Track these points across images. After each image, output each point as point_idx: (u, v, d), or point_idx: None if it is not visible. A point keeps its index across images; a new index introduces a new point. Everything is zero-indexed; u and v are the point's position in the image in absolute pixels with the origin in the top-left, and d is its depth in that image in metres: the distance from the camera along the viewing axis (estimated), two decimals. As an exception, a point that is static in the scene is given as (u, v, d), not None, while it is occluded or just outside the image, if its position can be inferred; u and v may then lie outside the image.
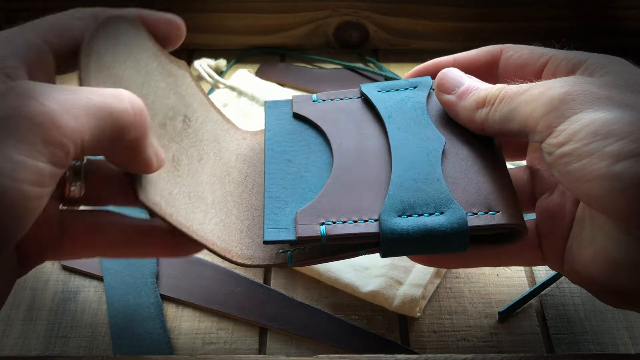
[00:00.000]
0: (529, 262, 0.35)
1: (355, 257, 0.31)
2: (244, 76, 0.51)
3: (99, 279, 0.39)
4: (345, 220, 0.30)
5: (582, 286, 0.31)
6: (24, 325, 0.37)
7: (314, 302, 0.38)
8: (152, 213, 0.28)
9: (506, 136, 0.31)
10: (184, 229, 0.29)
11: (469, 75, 0.33)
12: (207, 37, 0.57)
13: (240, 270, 0.40)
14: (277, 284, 0.39)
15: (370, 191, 0.31)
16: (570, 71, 0.31)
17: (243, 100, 0.49)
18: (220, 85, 0.50)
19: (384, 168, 0.32)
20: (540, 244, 0.33)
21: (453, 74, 0.33)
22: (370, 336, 0.36)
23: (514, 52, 0.34)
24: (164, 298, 0.38)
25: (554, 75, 0.32)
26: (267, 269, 0.40)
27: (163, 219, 0.28)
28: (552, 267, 0.33)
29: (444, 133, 0.33)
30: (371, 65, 0.56)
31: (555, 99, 0.27)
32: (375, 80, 0.54)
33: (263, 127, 0.37)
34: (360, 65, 0.55)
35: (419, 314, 0.37)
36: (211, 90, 0.52)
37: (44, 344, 0.36)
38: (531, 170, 0.36)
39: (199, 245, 0.30)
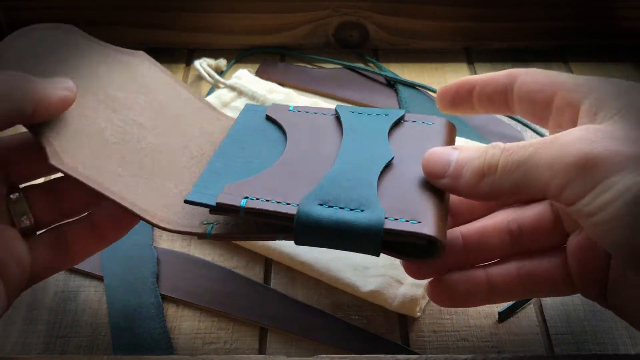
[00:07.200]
0: (560, 295, 0.34)
1: (273, 240, 0.32)
2: (244, 76, 0.51)
3: (99, 278, 0.39)
4: (268, 199, 0.31)
5: (633, 325, 0.30)
6: (24, 325, 0.37)
7: (314, 302, 0.38)
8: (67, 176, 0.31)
9: (519, 200, 0.30)
10: (100, 189, 0.31)
11: (452, 147, 0.31)
12: (207, 37, 0.57)
13: (240, 270, 0.40)
14: (277, 284, 0.39)
15: (304, 182, 0.32)
16: (578, 101, 0.29)
17: (243, 100, 0.49)
18: (221, 85, 0.50)
19: (326, 167, 0.33)
20: (571, 279, 0.32)
21: (436, 156, 0.31)
22: (370, 336, 0.36)
23: (531, 76, 0.32)
24: (164, 298, 0.38)
25: (563, 105, 0.30)
26: (267, 269, 0.40)
27: (79, 181, 0.30)
28: (589, 298, 0.32)
29: (398, 153, 0.34)
30: (371, 65, 0.56)
31: (576, 164, 0.25)
32: (375, 80, 0.54)
33: None
34: (360, 65, 0.55)
35: (419, 314, 0.37)
36: (211, 90, 0.52)
37: (44, 343, 0.36)
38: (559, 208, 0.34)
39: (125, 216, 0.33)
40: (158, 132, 0.35)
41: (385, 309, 0.37)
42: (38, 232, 0.33)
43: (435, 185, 0.31)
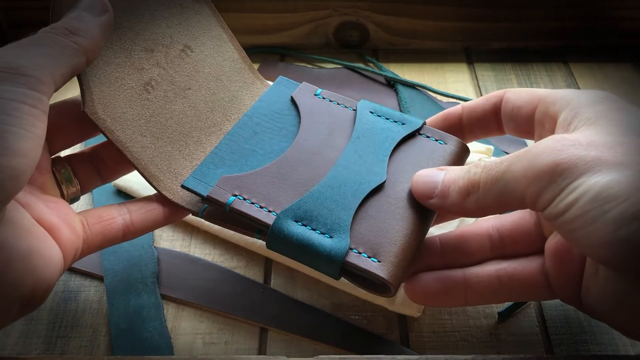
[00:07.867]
0: (537, 299, 0.35)
1: (251, 237, 0.33)
2: (244, 76, 0.51)
3: (100, 279, 0.39)
4: (254, 202, 0.32)
5: (607, 323, 0.31)
6: (25, 325, 0.37)
7: (314, 302, 0.38)
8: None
9: (504, 212, 0.31)
10: (120, 147, 0.32)
11: (437, 168, 0.33)
12: (207, 36, 0.57)
13: (240, 270, 0.40)
14: (277, 284, 0.39)
15: (292, 190, 0.33)
16: (556, 113, 0.31)
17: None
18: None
19: (318, 177, 0.33)
20: (549, 282, 0.33)
21: (424, 178, 0.32)
22: (370, 336, 0.37)
23: (513, 93, 0.35)
24: (164, 298, 0.38)
25: (543, 118, 0.32)
26: (267, 269, 0.40)
27: (104, 134, 0.32)
28: (566, 302, 0.33)
29: (396, 173, 0.34)
30: (371, 65, 0.56)
31: (546, 171, 0.27)
32: (375, 80, 0.54)
33: None
34: (360, 65, 0.55)
35: (418, 314, 0.37)
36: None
37: (44, 343, 0.36)
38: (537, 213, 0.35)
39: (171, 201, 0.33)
40: (190, 92, 0.36)
41: (385, 309, 0.37)
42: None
43: (425, 205, 0.32)
